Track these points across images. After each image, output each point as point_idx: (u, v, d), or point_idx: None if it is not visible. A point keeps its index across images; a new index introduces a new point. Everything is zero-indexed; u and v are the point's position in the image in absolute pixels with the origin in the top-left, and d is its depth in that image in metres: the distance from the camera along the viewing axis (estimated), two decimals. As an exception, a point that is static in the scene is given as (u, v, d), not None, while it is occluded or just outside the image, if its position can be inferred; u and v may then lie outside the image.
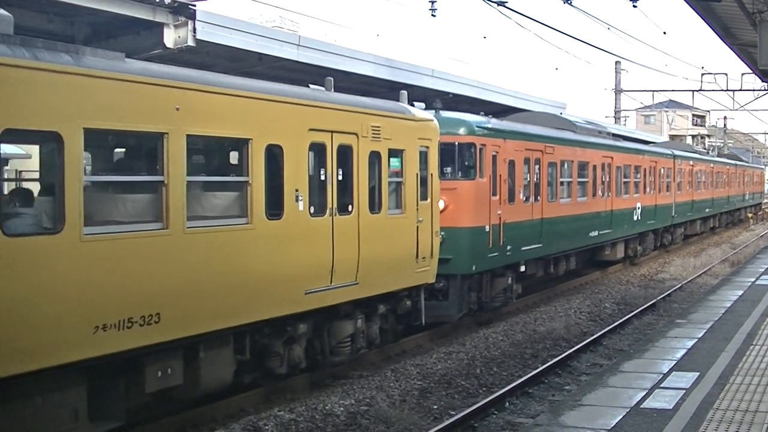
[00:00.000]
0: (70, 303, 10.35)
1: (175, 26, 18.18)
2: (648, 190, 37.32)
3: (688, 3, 21.21)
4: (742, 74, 51.29)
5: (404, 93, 18.93)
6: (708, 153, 61.05)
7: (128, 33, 18.31)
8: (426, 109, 19.22)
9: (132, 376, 11.79)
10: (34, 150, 11.27)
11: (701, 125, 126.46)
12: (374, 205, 16.42)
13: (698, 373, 13.60)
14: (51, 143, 10.57)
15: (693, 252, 43.86)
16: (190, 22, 18.10)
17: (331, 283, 15.08)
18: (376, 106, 16.84)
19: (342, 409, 14.58)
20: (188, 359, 12.51)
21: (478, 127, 21.69)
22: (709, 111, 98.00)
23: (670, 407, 11.72)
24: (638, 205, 35.37)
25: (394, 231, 17.09)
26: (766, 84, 44.89)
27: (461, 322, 21.59)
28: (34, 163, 12.21)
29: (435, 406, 15.13)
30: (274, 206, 13.76)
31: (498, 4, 22.65)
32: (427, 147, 18.21)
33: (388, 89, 25.44)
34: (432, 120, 18.71)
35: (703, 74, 55.06)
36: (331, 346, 15.95)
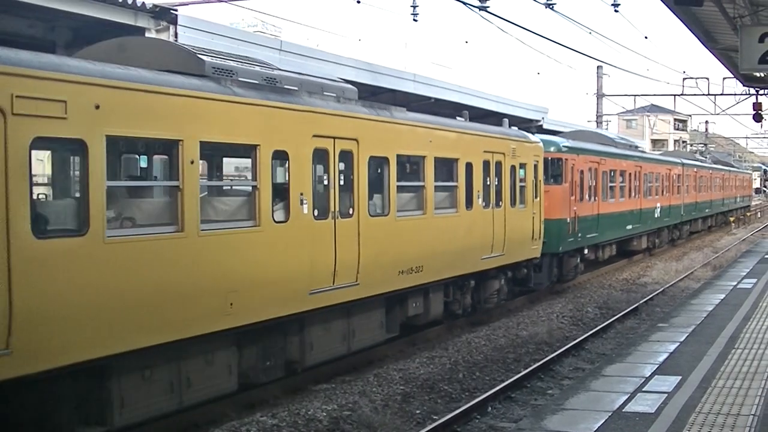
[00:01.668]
0: (390, 255, 17.57)
1: (157, 31, 18.14)
2: (665, 192, 45.21)
3: (669, 8, 21.26)
4: (724, 78, 51.49)
5: (506, 120, 25.64)
6: (706, 160, 66.36)
7: (110, 37, 18.24)
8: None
9: (402, 305, 19.07)
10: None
11: (683, 129, 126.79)
12: (513, 201, 23.75)
13: (680, 377, 13.61)
14: (384, 164, 17.68)
15: (675, 256, 43.98)
16: (171, 26, 18.06)
17: (491, 252, 22.41)
18: (513, 134, 24.79)
19: (324, 414, 14.55)
20: (424, 298, 19.76)
21: (563, 146, 29.50)
22: (690, 115, 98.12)
23: (653, 411, 11.72)
24: (658, 204, 43.36)
25: (522, 219, 24.57)
26: (747, 88, 45.09)
27: (440, 328, 21.67)
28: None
29: (418, 411, 15.11)
30: (468, 202, 21.09)
31: (479, 9, 22.68)
32: (537, 161, 25.82)
33: (369, 94, 25.42)
34: (539, 142, 26.49)
35: (684, 78, 55.26)
36: (484, 297, 23.32)
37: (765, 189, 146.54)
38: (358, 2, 26.11)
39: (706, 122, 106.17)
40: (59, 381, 11.07)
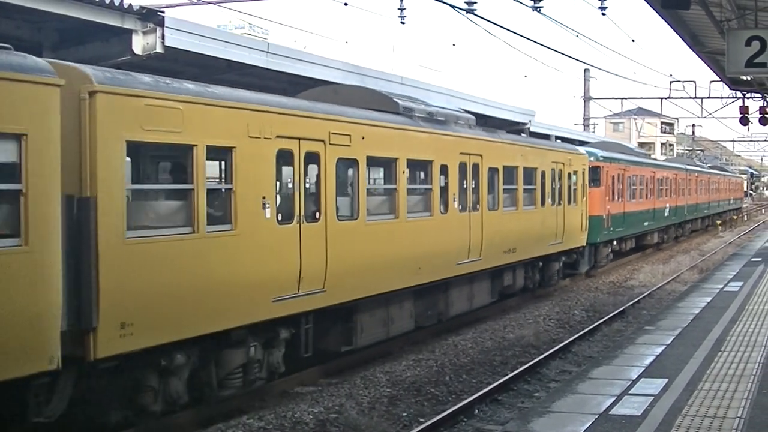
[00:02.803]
0: (498, 239, 23.43)
1: (144, 33, 18.02)
2: (672, 194, 51.17)
3: (656, 11, 21.31)
4: (710, 82, 51.66)
5: (552, 136, 35.52)
6: (704, 165, 72.42)
7: (96, 39, 18.18)
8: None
9: (500, 278, 24.88)
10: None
11: (670, 132, 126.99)
12: (569, 201, 29.79)
13: (667, 380, 13.63)
14: (495, 172, 23.56)
15: (662, 259, 44.09)
16: (158, 28, 17.95)
17: (555, 240, 28.47)
18: (569, 148, 32.02)
19: (311, 416, 14.55)
20: (513, 273, 25.71)
21: (600, 156, 35.90)
22: (677, 118, 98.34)
23: (639, 413, 11.74)
24: (667, 205, 49.36)
25: (574, 215, 30.53)
26: (733, 91, 45.18)
27: (426, 331, 21.67)
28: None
29: (404, 414, 15.12)
30: (542, 201, 27.25)
31: (467, 12, 22.68)
32: (584, 169, 32.06)
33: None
34: (585, 153, 32.88)
35: (671, 82, 55.45)
36: (547, 276, 29.26)
37: (752, 192, 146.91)
38: (346, 4, 26.09)
39: (693, 125, 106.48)
40: (331, 314, 16.81)
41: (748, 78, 32.19)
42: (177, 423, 13.91)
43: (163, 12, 18.27)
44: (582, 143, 41.08)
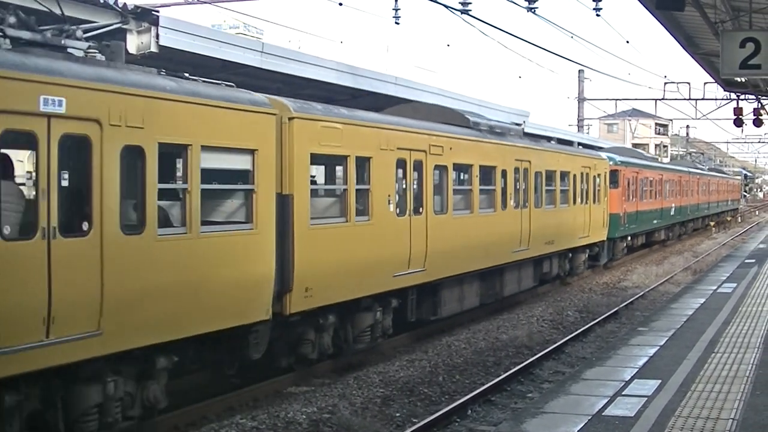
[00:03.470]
0: (541, 232, 27.24)
1: (138, 32, 17.99)
2: (677, 195, 54.88)
3: (651, 12, 21.31)
4: (705, 83, 51.52)
5: (576, 142, 39.08)
6: (704, 168, 75.93)
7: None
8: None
9: (540, 265, 28.71)
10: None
11: (664, 134, 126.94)
12: (593, 200, 33.72)
13: (660, 381, 13.64)
14: (539, 176, 27.78)
15: (655, 260, 44.09)
16: (153, 28, 17.91)
17: (582, 234, 32.39)
18: (593, 154, 36.09)
19: (304, 416, 14.52)
20: (550, 261, 29.70)
21: (618, 161, 40.29)
22: (671, 120, 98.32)
23: (632, 414, 11.74)
24: (673, 205, 53.09)
25: (597, 212, 34.41)
26: (728, 93, 45.18)
27: (422, 330, 21.67)
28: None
29: (397, 414, 15.10)
30: (573, 200, 31.28)
31: (461, 12, 22.68)
32: (606, 172, 36.12)
33: (350, 96, 25.37)
34: (606, 159, 37.30)
35: (666, 83, 55.33)
36: (575, 266, 33.24)
37: (746, 194, 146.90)
38: (340, 4, 26.07)
39: (687, 127, 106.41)
40: (423, 289, 20.60)
41: (743, 80, 32.22)
42: (172, 422, 13.91)
43: (157, 11, 18.25)
44: (584, 146, 42.29)
